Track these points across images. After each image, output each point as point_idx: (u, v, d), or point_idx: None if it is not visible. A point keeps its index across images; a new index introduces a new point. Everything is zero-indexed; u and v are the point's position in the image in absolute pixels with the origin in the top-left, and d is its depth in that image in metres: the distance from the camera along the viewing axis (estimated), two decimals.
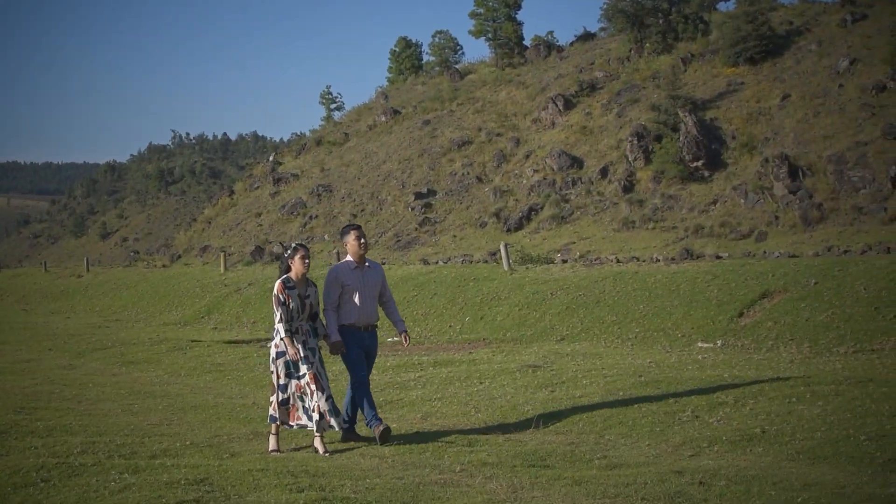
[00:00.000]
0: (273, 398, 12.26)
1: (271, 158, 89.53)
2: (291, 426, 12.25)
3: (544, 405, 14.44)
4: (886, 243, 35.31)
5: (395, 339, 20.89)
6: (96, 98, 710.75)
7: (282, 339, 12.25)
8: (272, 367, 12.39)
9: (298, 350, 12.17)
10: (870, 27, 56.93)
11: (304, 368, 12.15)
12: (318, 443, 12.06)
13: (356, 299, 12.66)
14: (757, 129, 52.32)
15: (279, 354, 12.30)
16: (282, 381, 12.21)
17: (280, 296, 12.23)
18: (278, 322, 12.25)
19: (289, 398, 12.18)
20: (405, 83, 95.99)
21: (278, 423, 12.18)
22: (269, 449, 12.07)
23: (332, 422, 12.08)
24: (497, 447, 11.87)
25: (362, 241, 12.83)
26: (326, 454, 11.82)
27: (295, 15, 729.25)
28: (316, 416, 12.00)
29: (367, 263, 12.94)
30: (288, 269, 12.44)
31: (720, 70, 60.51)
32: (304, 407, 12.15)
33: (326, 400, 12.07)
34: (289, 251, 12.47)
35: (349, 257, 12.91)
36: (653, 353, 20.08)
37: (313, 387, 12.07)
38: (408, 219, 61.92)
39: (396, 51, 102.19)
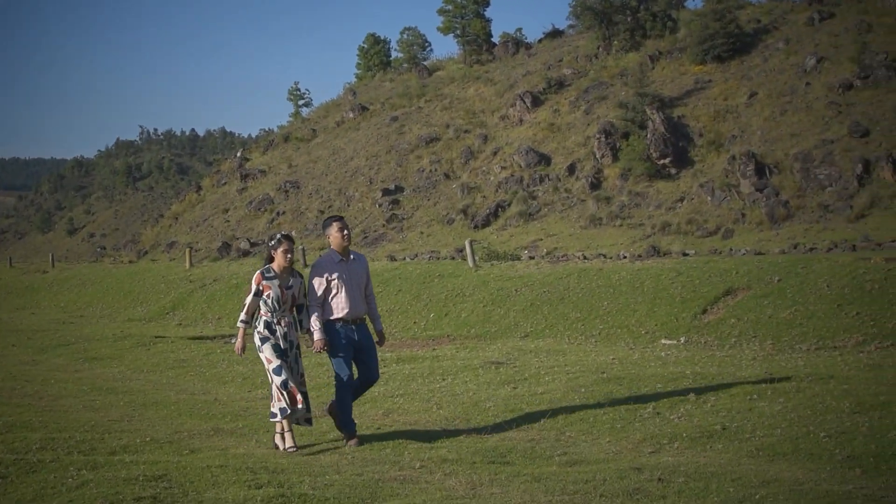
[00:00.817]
0: (273, 391, 11.91)
1: (239, 154, 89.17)
2: (298, 408, 11.89)
3: (506, 402, 14.42)
4: (852, 241, 35.50)
5: None
6: (64, 93, 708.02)
7: (238, 323, 12.08)
8: (261, 357, 12.02)
9: (264, 346, 11.91)
10: (836, 26, 57.20)
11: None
12: (278, 439, 11.98)
13: (342, 292, 12.28)
14: (724, 127, 52.47)
15: (263, 340, 11.95)
16: (274, 364, 11.83)
17: (254, 285, 12.00)
18: (243, 311, 12.06)
19: (287, 380, 11.77)
20: (373, 79, 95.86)
21: (289, 414, 11.78)
22: (287, 447, 11.77)
23: (300, 418, 12.04)
24: (457, 443, 11.85)
25: (345, 232, 12.47)
26: (292, 449, 11.71)
27: (264, 10, 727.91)
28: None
29: (351, 255, 12.59)
30: (271, 260, 12.17)
31: (688, 68, 60.65)
32: (301, 392, 11.99)
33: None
34: (273, 241, 12.18)
35: (332, 249, 12.56)
36: (616, 350, 20.12)
37: None
38: (375, 215, 61.82)
39: (365, 47, 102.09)
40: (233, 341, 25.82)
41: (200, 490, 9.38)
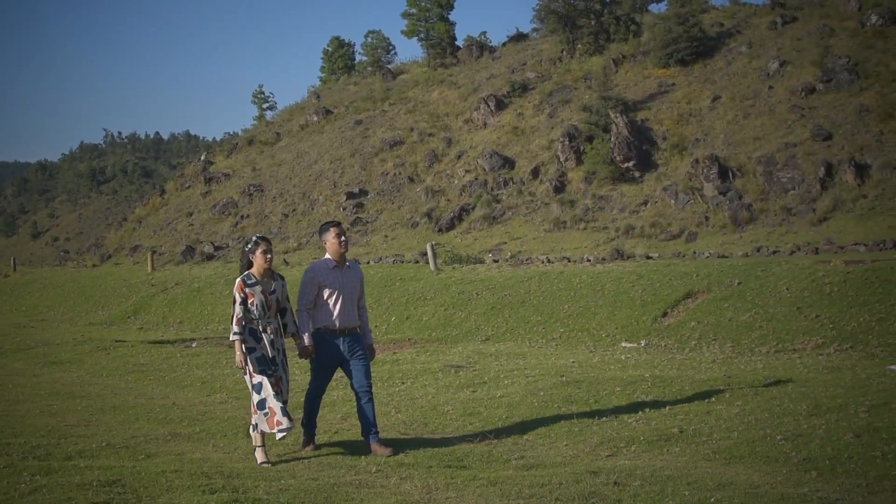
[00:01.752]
0: (251, 404, 11.50)
1: (203, 158, 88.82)
2: (274, 433, 11.34)
3: (465, 405, 14.37)
4: (815, 244, 35.65)
5: None
6: (27, 96, 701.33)
7: (232, 337, 11.52)
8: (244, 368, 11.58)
9: (249, 359, 11.43)
10: (799, 29, 57.55)
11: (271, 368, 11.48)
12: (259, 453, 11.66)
13: (334, 301, 11.95)
14: (687, 130, 52.66)
15: (249, 350, 11.46)
16: (255, 380, 11.37)
17: (237, 294, 11.52)
18: (233, 323, 11.50)
19: (265, 400, 11.32)
20: (337, 83, 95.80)
21: (259, 432, 11.34)
22: (259, 462, 11.23)
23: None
24: (414, 447, 11.79)
25: (343, 238, 12.08)
26: (266, 464, 11.22)
27: (228, 12, 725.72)
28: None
29: (346, 263, 12.24)
30: (249, 265, 11.68)
31: (651, 71, 60.87)
32: (281, 407, 11.35)
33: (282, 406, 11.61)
34: (249, 245, 11.68)
35: (327, 256, 12.17)
36: (576, 353, 20.10)
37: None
38: (339, 219, 61.62)
39: (329, 50, 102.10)
40: (193, 345, 25.75)
41: (154, 495, 9.29)
